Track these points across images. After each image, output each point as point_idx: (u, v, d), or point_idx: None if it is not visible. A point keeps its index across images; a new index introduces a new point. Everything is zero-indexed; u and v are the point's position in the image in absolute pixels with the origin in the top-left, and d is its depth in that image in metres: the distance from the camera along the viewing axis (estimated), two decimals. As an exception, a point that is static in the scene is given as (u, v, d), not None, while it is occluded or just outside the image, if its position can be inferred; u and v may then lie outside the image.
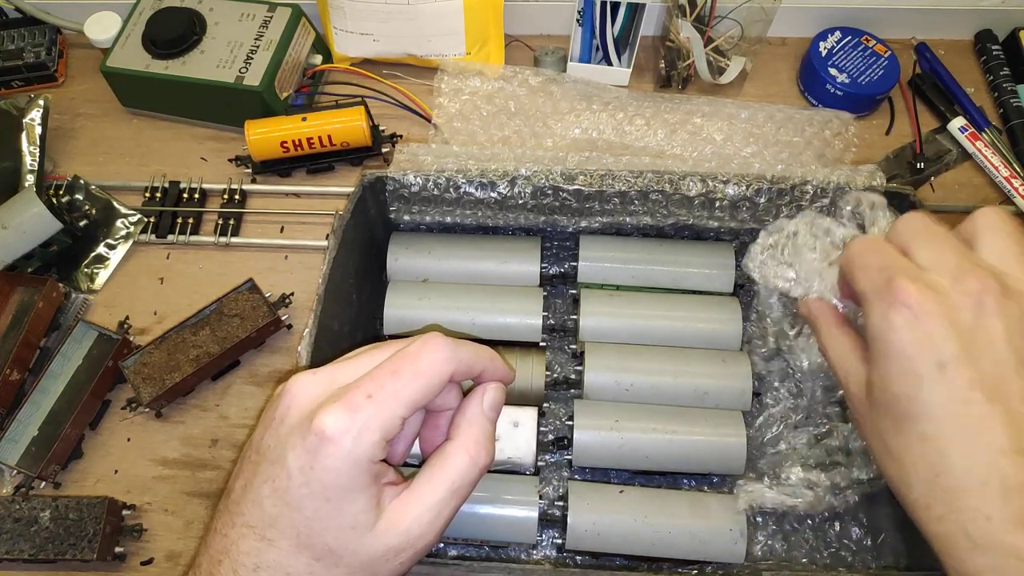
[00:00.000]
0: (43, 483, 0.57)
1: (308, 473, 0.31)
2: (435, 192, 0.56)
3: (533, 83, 0.72)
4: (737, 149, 0.69)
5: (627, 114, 0.71)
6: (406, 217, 0.59)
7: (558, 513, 0.52)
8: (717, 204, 0.56)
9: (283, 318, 0.62)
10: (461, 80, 0.73)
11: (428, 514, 0.32)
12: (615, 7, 0.69)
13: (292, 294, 0.64)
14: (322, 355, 0.50)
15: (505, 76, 0.73)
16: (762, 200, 0.56)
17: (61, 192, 0.69)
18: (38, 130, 0.69)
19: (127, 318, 0.64)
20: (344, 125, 0.67)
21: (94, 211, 0.69)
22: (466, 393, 0.36)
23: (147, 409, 0.59)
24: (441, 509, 0.32)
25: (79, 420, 0.59)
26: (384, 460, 0.32)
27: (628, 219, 0.58)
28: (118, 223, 0.69)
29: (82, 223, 0.68)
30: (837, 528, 0.55)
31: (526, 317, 0.57)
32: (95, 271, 0.67)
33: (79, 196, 0.69)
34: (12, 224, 0.62)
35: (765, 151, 0.69)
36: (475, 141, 0.70)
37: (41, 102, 0.70)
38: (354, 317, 0.57)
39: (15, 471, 0.57)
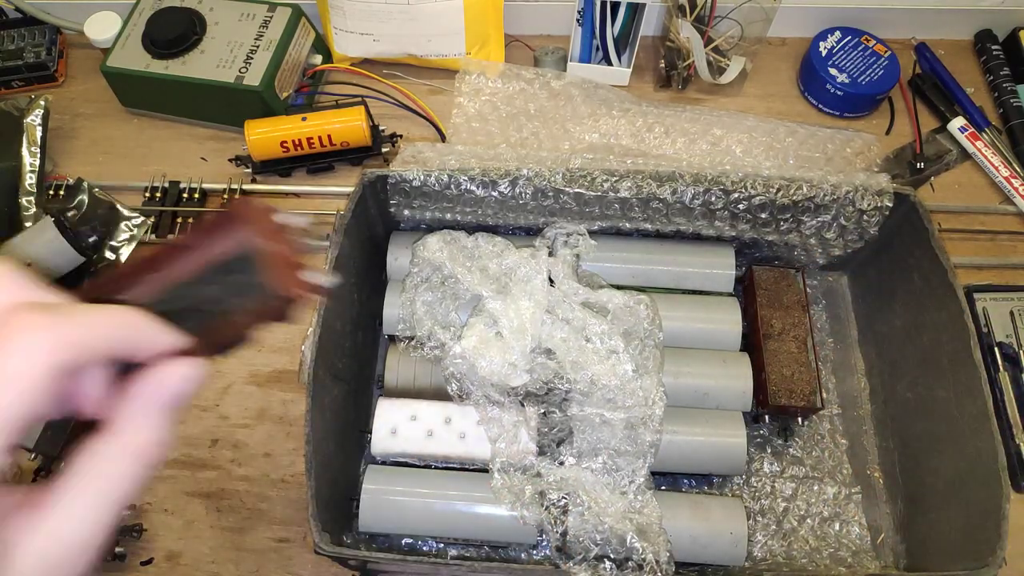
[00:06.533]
0: (62, 464, 0.57)
1: None
2: (436, 188, 0.56)
3: (555, 87, 0.72)
4: (757, 162, 0.69)
5: (646, 121, 0.71)
6: (406, 212, 0.59)
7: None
8: (717, 214, 0.56)
9: None
10: (482, 81, 0.73)
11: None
12: (615, 7, 0.69)
13: None
14: (327, 354, 0.50)
15: (527, 79, 0.73)
16: (765, 213, 0.56)
17: (62, 192, 0.69)
18: (38, 131, 0.69)
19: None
20: (344, 125, 0.67)
21: (99, 224, 0.68)
22: None
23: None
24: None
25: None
26: None
27: (628, 224, 0.58)
28: (121, 226, 0.69)
29: (91, 239, 0.67)
30: (837, 528, 0.55)
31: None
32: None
33: (83, 196, 0.69)
34: (37, 260, 0.62)
35: (785, 165, 0.68)
36: (491, 143, 0.70)
37: (42, 103, 0.70)
38: (355, 316, 0.57)
39: (33, 455, 0.56)
